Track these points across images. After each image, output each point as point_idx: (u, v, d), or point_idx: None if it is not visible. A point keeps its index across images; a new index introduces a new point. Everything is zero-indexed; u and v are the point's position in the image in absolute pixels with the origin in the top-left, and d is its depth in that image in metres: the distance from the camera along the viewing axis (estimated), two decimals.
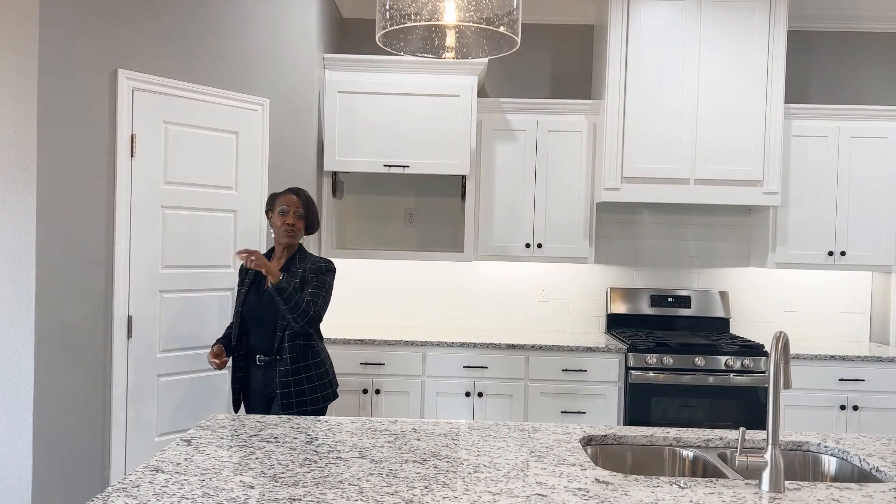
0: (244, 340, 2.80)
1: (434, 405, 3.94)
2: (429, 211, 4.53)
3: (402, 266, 4.53)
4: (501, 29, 1.45)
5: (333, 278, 2.79)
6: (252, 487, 1.56)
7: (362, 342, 3.95)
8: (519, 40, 1.53)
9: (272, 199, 2.81)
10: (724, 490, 1.61)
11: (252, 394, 2.81)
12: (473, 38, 1.65)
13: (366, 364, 3.94)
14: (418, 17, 1.41)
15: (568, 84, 4.56)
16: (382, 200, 4.53)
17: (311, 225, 2.84)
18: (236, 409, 2.84)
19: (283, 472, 1.66)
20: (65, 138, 2.69)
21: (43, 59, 2.61)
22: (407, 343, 3.94)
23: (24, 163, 2.60)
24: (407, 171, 4.01)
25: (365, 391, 3.94)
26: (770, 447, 1.62)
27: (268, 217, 2.82)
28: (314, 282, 2.71)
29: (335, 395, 2.84)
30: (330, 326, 4.39)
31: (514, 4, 1.45)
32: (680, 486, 1.63)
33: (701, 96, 4.03)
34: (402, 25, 1.42)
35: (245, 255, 2.57)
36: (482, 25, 1.42)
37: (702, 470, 2.01)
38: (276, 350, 2.71)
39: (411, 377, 3.96)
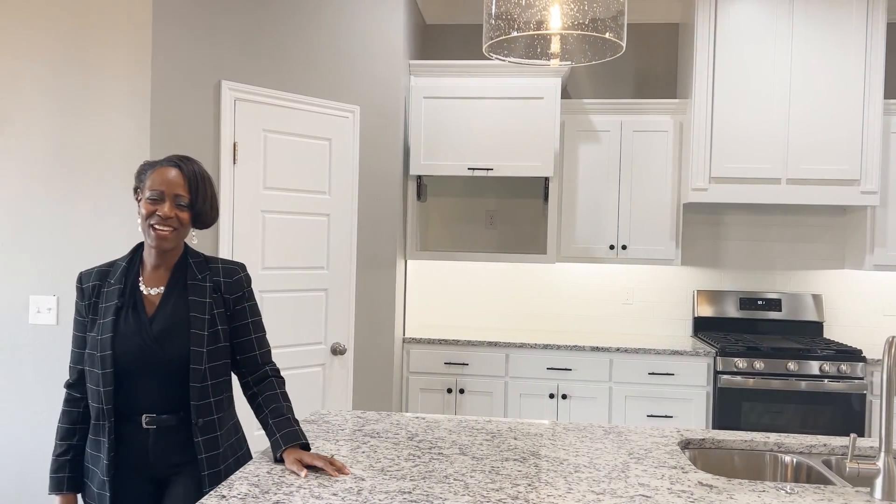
0: (101, 397, 1.74)
1: (517, 406, 3.97)
2: (510, 213, 4.56)
3: (484, 268, 4.58)
4: (608, 35, 1.47)
5: None
6: (363, 480, 1.63)
7: (446, 342, 4.02)
8: (624, 45, 1.55)
9: (142, 173, 1.80)
10: (833, 497, 1.59)
11: (120, 472, 1.76)
12: (576, 43, 1.68)
13: (450, 364, 4.01)
14: (527, 26, 1.45)
15: (652, 83, 4.51)
16: (464, 203, 4.59)
17: (202, 215, 1.81)
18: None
19: (390, 466, 1.73)
20: (174, 147, 2.86)
21: (155, 74, 2.78)
22: (490, 344, 3.99)
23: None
24: (490, 173, 4.05)
25: (449, 390, 4.01)
26: (882, 454, 1.58)
27: (136, 199, 1.80)
28: (251, 316, 1.88)
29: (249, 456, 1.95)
30: (414, 326, 4.48)
31: (622, 9, 1.47)
32: (787, 492, 1.61)
33: (793, 94, 3.92)
34: (510, 36, 1.47)
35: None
36: (590, 33, 1.45)
37: (805, 476, 1.97)
38: (200, 409, 1.76)
39: (494, 378, 4.00)
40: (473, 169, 4.06)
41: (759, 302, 4.33)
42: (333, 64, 3.45)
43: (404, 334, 4.12)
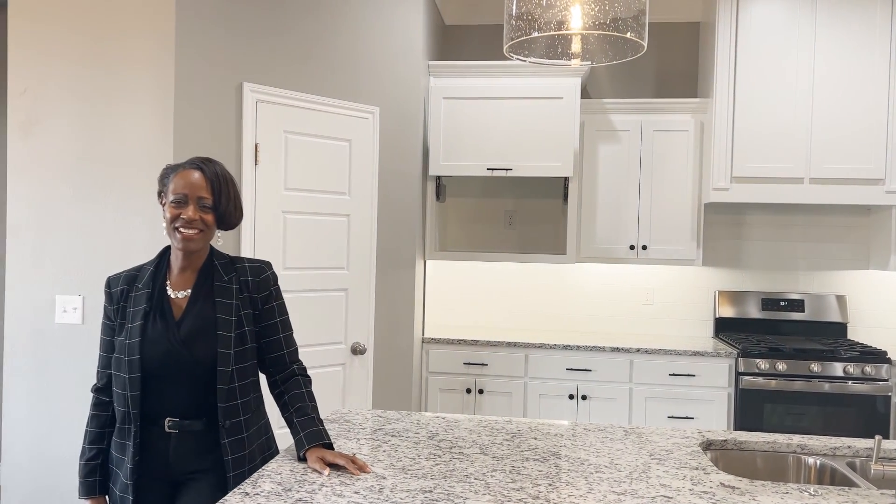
0: (127, 401, 1.76)
1: (537, 407, 3.97)
2: (529, 213, 4.56)
3: (503, 268, 4.57)
4: (629, 34, 1.47)
5: None
6: (384, 478, 1.64)
7: (465, 342, 4.02)
8: (646, 44, 1.55)
9: (165, 177, 1.81)
10: (858, 499, 1.57)
11: (142, 477, 1.78)
12: (597, 43, 1.68)
13: (469, 364, 4.02)
14: (547, 26, 1.46)
15: (672, 83, 4.49)
16: (483, 203, 4.60)
17: (227, 216, 1.82)
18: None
19: (411, 465, 1.74)
20: (197, 149, 2.89)
21: (178, 77, 2.82)
22: (509, 344, 3.99)
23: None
24: (509, 174, 4.05)
25: (468, 391, 4.01)
26: None
27: (160, 203, 1.82)
28: (279, 315, 1.89)
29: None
30: (433, 326, 4.49)
31: (643, 8, 1.47)
32: (811, 494, 1.60)
33: (816, 92, 3.88)
34: (531, 37, 1.47)
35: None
36: (612, 33, 1.45)
37: (829, 478, 1.95)
38: (227, 411, 1.77)
39: (514, 378, 4.00)
40: (493, 169, 4.06)
41: (782, 303, 4.28)
42: (354, 65, 3.47)
43: (423, 334, 4.13)
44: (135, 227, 2.83)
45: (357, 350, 3.48)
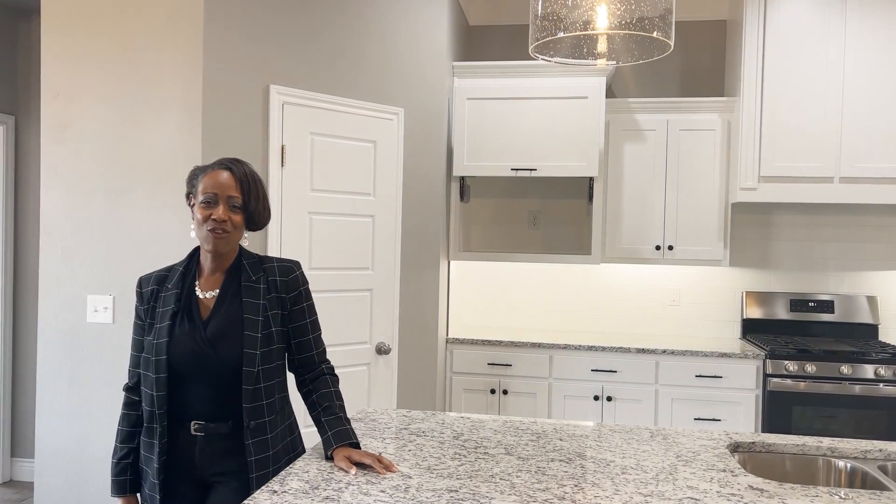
0: (154, 401, 1.78)
1: (561, 408, 3.95)
2: (553, 213, 4.55)
3: (527, 269, 4.57)
4: (655, 34, 1.46)
5: None
6: (410, 477, 1.65)
7: (489, 343, 4.02)
8: (672, 44, 1.54)
9: (194, 178, 1.82)
10: (889, 503, 1.55)
11: (170, 477, 1.80)
12: (623, 42, 1.67)
13: (493, 364, 4.01)
14: (573, 26, 1.45)
15: (699, 81, 4.44)
16: (507, 203, 4.59)
17: (256, 216, 1.83)
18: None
19: (436, 465, 1.75)
20: (225, 150, 2.93)
21: (206, 79, 2.86)
22: (533, 345, 3.98)
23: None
24: (534, 174, 4.04)
25: (492, 391, 4.01)
26: None
27: (189, 204, 1.84)
28: (308, 316, 1.89)
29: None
30: (457, 327, 4.50)
31: (669, 7, 1.46)
32: (841, 497, 1.57)
33: (846, 90, 3.82)
34: (557, 37, 1.47)
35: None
36: (638, 32, 1.45)
37: (860, 482, 1.93)
38: (252, 411, 1.77)
39: (538, 379, 3.99)
40: (517, 169, 4.06)
41: (811, 304, 4.22)
42: (378, 67, 3.49)
43: (447, 335, 4.14)
44: (163, 228, 2.87)
45: (382, 350, 3.50)
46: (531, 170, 4.04)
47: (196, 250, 1.91)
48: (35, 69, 4.31)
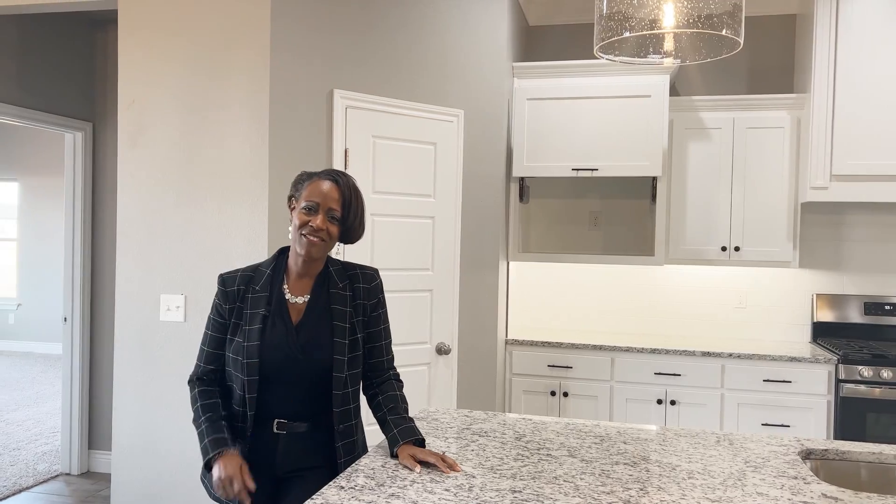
0: (245, 402, 1.83)
1: (623, 411, 3.90)
2: (615, 214, 4.49)
3: (589, 270, 4.52)
4: (724, 31, 1.43)
5: None
6: (474, 477, 1.66)
7: (549, 345, 4.00)
8: (742, 41, 1.50)
9: (299, 183, 1.86)
10: None
11: (251, 472, 1.82)
12: (689, 40, 1.64)
13: (553, 366, 3.99)
14: (640, 25, 1.44)
15: (766, 78, 4.32)
16: (568, 204, 4.56)
17: (351, 230, 1.86)
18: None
19: (499, 465, 1.76)
20: (290, 154, 3.01)
21: (273, 85, 2.94)
22: (595, 347, 3.94)
23: (259, 176, 2.94)
24: (595, 174, 4.00)
25: (553, 393, 3.99)
26: None
27: (289, 207, 1.88)
28: (383, 322, 1.94)
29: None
30: (516, 328, 4.49)
31: (739, 3, 1.42)
32: None
33: None
34: (622, 37, 1.46)
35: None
36: (707, 31, 1.42)
37: None
38: (341, 415, 1.85)
39: (599, 381, 3.95)
40: (578, 170, 4.03)
41: (887, 307, 4.05)
42: (439, 69, 3.52)
43: (507, 336, 4.14)
44: (233, 230, 2.97)
45: (442, 350, 3.52)
46: (592, 170, 4.01)
47: (282, 251, 1.94)
48: (111, 78, 4.50)
